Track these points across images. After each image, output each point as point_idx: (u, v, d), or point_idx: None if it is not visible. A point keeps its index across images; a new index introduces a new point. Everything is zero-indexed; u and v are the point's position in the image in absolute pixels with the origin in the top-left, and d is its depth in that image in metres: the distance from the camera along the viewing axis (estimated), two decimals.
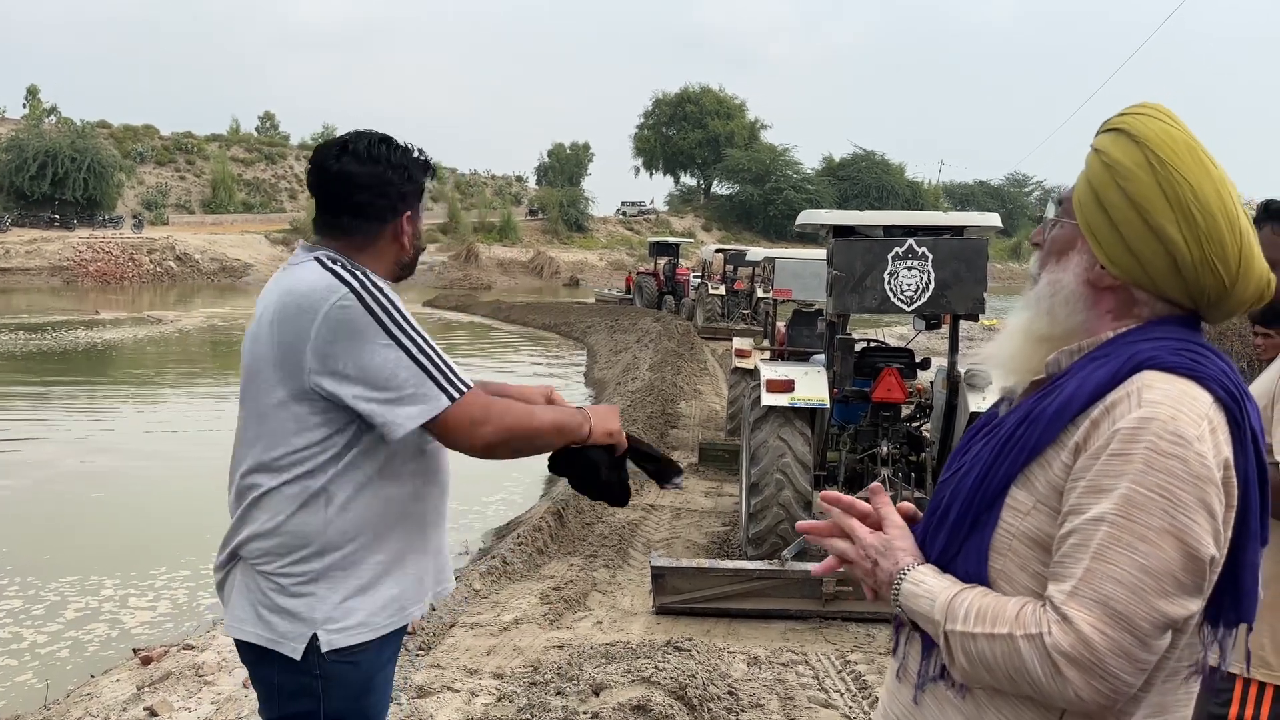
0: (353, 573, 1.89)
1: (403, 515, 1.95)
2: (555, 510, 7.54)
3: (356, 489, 1.89)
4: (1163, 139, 1.24)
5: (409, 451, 1.93)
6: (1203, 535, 1.14)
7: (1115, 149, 1.27)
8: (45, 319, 25.90)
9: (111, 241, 44.26)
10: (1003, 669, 1.18)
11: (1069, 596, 1.15)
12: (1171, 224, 1.22)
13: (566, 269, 54.44)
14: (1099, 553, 1.15)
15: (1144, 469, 1.15)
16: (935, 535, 1.32)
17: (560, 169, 76.16)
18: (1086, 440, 1.20)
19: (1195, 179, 1.22)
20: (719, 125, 77.44)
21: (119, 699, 4.43)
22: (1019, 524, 1.24)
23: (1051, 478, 1.22)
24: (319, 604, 1.87)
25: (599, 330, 23.17)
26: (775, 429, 5.95)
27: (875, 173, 74.58)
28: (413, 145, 2.02)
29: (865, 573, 1.34)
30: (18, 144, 49.78)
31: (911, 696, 1.33)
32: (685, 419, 12.25)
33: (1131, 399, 1.19)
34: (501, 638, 5.05)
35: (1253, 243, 1.24)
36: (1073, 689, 1.14)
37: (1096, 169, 1.29)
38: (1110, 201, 1.26)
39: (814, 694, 4.36)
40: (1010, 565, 1.24)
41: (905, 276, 5.69)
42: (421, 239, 2.08)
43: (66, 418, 13.34)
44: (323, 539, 1.87)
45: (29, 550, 7.50)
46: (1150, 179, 1.23)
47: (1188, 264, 1.23)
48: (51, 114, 58.19)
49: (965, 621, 1.20)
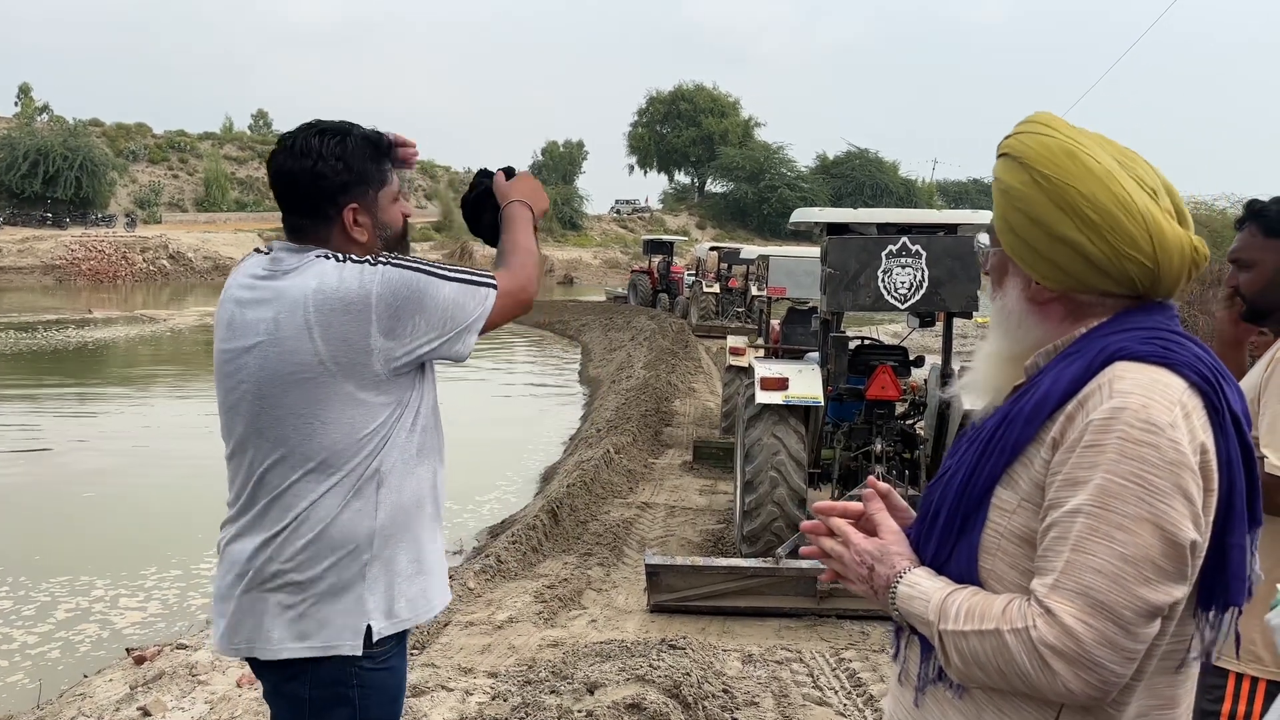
0: (394, 560, 1.89)
1: (424, 502, 1.96)
2: (550, 509, 7.53)
3: (403, 468, 1.91)
4: (1040, 153, 1.28)
5: (430, 428, 1.98)
6: (1180, 520, 1.15)
7: (1006, 174, 1.32)
8: (36, 318, 25.83)
9: (104, 240, 44.09)
10: (993, 665, 1.19)
11: (1051, 589, 1.16)
12: (1074, 230, 1.26)
13: (561, 267, 54.41)
14: (1078, 544, 1.16)
15: (1117, 458, 1.16)
16: (928, 539, 1.33)
17: (554, 167, 76.09)
18: (1063, 435, 1.21)
19: (1079, 182, 1.26)
20: (713, 123, 77.45)
21: (112, 699, 4.42)
22: (1006, 523, 1.25)
23: (1034, 475, 1.23)
24: (369, 595, 1.86)
25: (593, 328, 23.16)
26: (770, 426, 5.95)
27: (869, 171, 74.65)
28: (359, 132, 1.93)
29: (861, 578, 1.34)
30: (9, 142, 49.57)
31: (913, 699, 1.34)
32: (680, 417, 12.25)
33: (1103, 390, 1.20)
34: (496, 636, 5.05)
35: (1158, 219, 1.26)
36: (1061, 681, 1.15)
37: (998, 196, 1.34)
38: (1017, 224, 1.31)
39: (809, 691, 4.36)
40: (1000, 564, 1.25)
41: (899, 274, 5.70)
42: (390, 228, 1.98)
43: (58, 417, 13.30)
44: (373, 527, 1.87)
45: (19, 550, 7.48)
46: (1040, 195, 1.27)
47: (1104, 260, 1.26)
48: (44, 112, 57.95)
49: (956, 620, 1.21)
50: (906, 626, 1.32)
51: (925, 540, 1.33)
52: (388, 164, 1.97)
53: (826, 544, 1.39)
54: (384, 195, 1.96)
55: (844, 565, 1.36)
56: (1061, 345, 1.30)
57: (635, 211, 74.89)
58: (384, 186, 1.96)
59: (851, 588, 1.37)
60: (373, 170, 1.93)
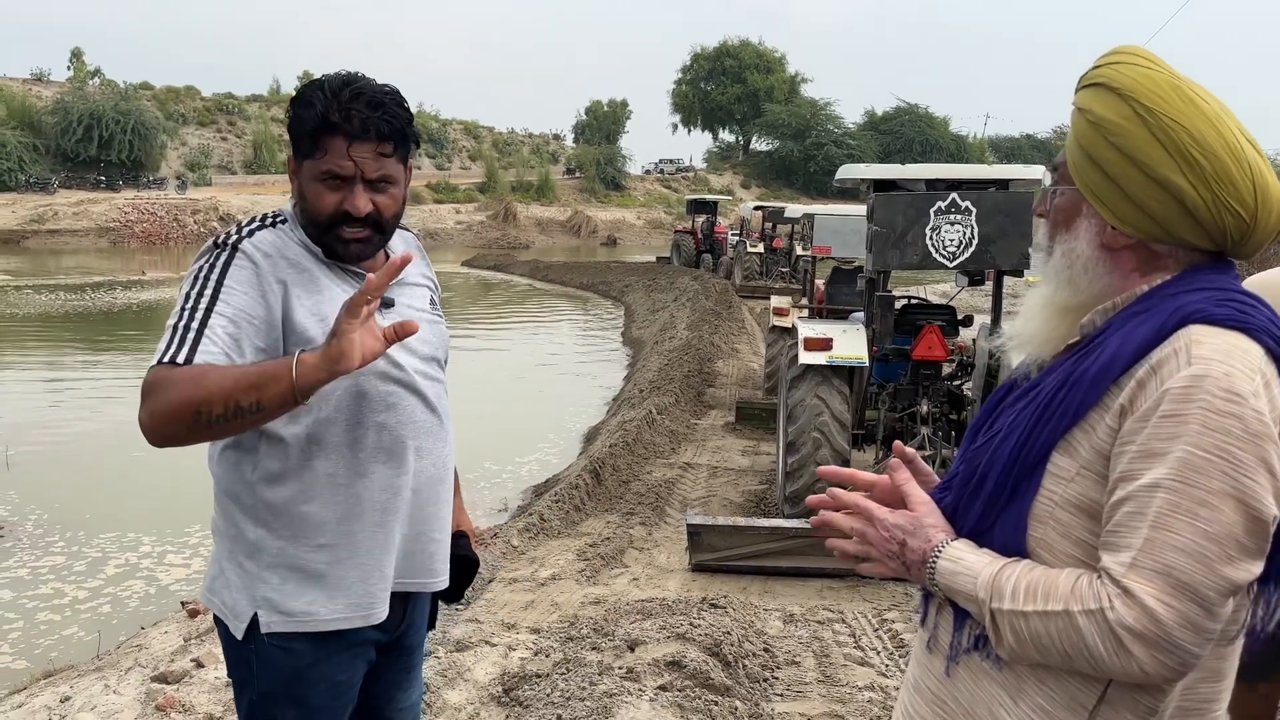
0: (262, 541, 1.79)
1: (310, 498, 1.75)
2: (592, 468, 7.56)
3: (280, 450, 1.74)
4: (1145, 86, 1.18)
5: (336, 421, 1.74)
6: (1264, 495, 1.09)
7: (1099, 105, 1.21)
8: (96, 279, 26.39)
9: (156, 203, 44.89)
10: (1058, 647, 1.13)
11: (1129, 568, 1.09)
12: (1176, 173, 1.16)
13: (604, 228, 54.30)
14: (1158, 521, 1.09)
15: (1200, 430, 1.09)
16: (969, 507, 1.25)
17: (598, 127, 75.66)
18: (1133, 402, 1.14)
19: (1189, 121, 1.16)
20: (758, 80, 76.41)
21: (167, 650, 4.54)
22: (1062, 491, 1.18)
23: (1096, 442, 1.16)
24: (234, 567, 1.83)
25: (636, 289, 23.11)
26: (813, 387, 5.89)
27: (919, 126, 73.28)
28: (328, 79, 1.70)
29: (890, 554, 1.27)
30: (63, 106, 50.47)
31: (943, 669, 1.28)
32: (722, 378, 12.21)
33: (1180, 356, 1.12)
34: (539, 593, 5.09)
35: (1265, 171, 1.18)
36: (1138, 664, 1.09)
37: (1084, 129, 1.23)
38: (1106, 160, 1.20)
39: (850, 652, 4.35)
40: (1051, 534, 1.19)
41: (948, 231, 5.57)
42: (321, 200, 1.69)
43: (109, 377, 13.62)
44: (252, 497, 1.78)
45: (73, 508, 7.69)
46: (1143, 131, 1.17)
47: (1202, 209, 1.17)
48: (95, 76, 58.74)
49: (1014, 599, 1.15)
50: (939, 595, 1.26)
51: (965, 508, 1.26)
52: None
53: (844, 521, 1.31)
54: (326, 158, 1.69)
55: (867, 543, 1.29)
56: (1121, 303, 1.23)
57: (679, 171, 74.31)
58: (316, 147, 1.70)
59: (871, 570, 1.30)
60: (306, 124, 1.70)
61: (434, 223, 50.42)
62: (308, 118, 1.68)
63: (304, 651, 1.78)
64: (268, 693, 1.80)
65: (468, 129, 74.57)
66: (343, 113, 1.67)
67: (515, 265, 33.56)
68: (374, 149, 1.69)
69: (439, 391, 1.90)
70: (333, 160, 1.68)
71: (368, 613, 1.79)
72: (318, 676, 1.80)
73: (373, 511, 1.77)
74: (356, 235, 1.72)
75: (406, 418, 1.80)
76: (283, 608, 1.76)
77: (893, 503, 1.31)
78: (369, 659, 1.89)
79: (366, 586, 1.78)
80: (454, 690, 3.69)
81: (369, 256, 1.79)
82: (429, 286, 1.97)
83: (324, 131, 1.67)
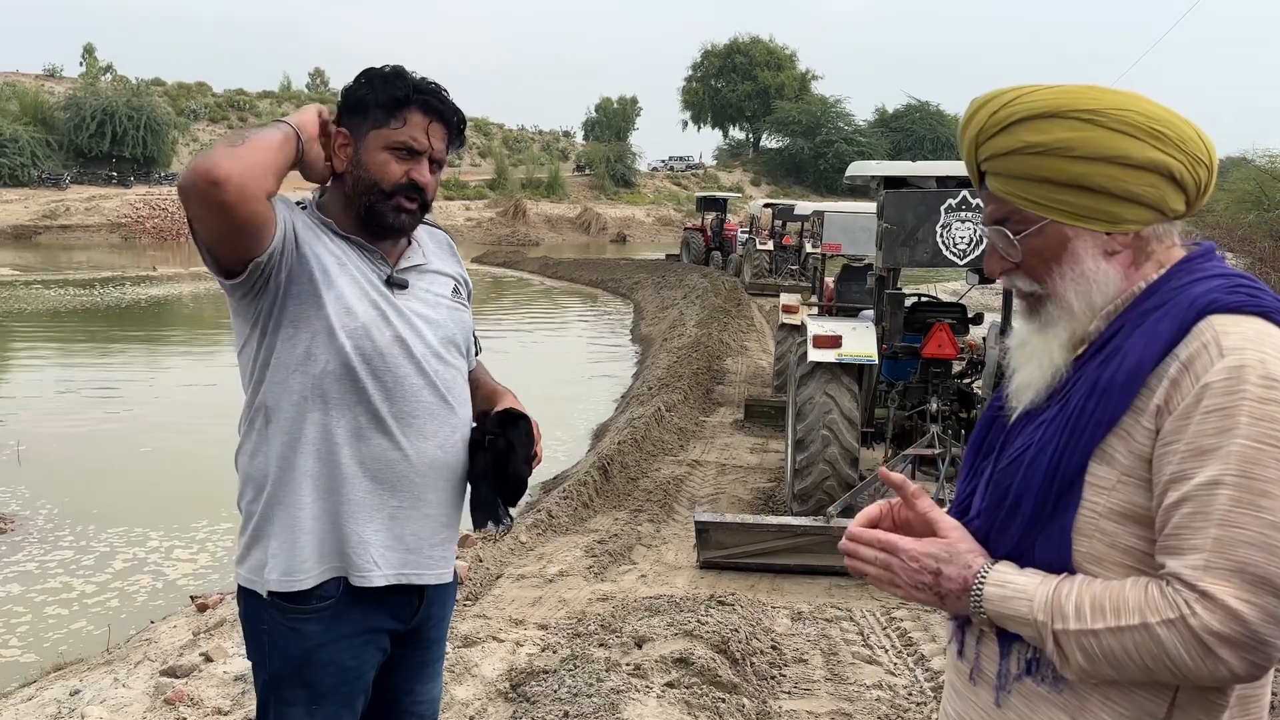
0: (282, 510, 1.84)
1: (318, 455, 1.82)
2: (601, 465, 7.56)
3: (293, 410, 1.81)
4: (1064, 99, 1.19)
5: (340, 376, 1.80)
6: None
7: (1038, 134, 1.20)
8: (107, 274, 26.49)
9: (167, 198, 44.99)
10: (1137, 662, 1.09)
11: (1203, 571, 1.07)
12: (1154, 150, 1.18)
13: (614, 225, 54.28)
14: (1224, 519, 1.06)
15: (1249, 421, 1.07)
16: (1004, 530, 1.21)
17: (608, 124, 75.64)
18: (1169, 401, 1.12)
19: (1123, 105, 1.18)
20: (769, 77, 76.31)
21: (176, 644, 4.55)
22: (1104, 501, 1.15)
23: (1135, 447, 1.14)
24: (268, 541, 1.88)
25: (646, 286, 23.10)
26: (822, 385, 5.87)
27: (930, 124, 73.10)
28: (396, 66, 1.88)
29: (922, 586, 1.22)
30: (76, 102, 50.69)
31: (992, 699, 1.24)
32: (731, 375, 12.20)
33: (1210, 349, 1.11)
34: (547, 589, 5.09)
35: (1186, 121, 1.22)
36: (1227, 668, 1.06)
37: (1036, 163, 1.20)
38: (1080, 175, 1.19)
39: (858, 649, 4.33)
40: (1099, 546, 1.16)
41: (958, 229, 5.54)
42: (388, 168, 1.82)
43: (119, 372, 13.66)
44: (265, 467, 1.84)
45: (80, 502, 7.71)
46: (1101, 131, 1.18)
47: (1185, 173, 1.20)
48: (107, 72, 59.06)
49: (1079, 618, 1.11)
50: (981, 623, 1.21)
51: (1000, 531, 1.21)
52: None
53: (868, 555, 1.26)
54: (370, 136, 1.85)
55: (894, 575, 1.24)
56: (1122, 303, 1.21)
57: (689, 168, 74.22)
58: (364, 121, 1.86)
59: (901, 596, 1.25)
60: (357, 99, 1.87)
61: (444, 219, 50.47)
62: (398, 88, 1.82)
63: (312, 633, 1.82)
64: (279, 674, 1.86)
65: (478, 126, 74.65)
66: (431, 94, 1.84)
67: (525, 262, 33.58)
68: (444, 133, 1.88)
69: (452, 376, 1.94)
70: (410, 132, 1.83)
71: (364, 574, 1.83)
72: (326, 659, 1.84)
73: (359, 478, 1.82)
74: (412, 205, 1.86)
75: (409, 395, 1.85)
76: (279, 568, 1.82)
77: (908, 530, 1.28)
78: (382, 648, 1.91)
79: (345, 549, 1.83)
80: (461, 685, 3.70)
81: (414, 228, 1.92)
82: (455, 280, 2.04)
83: (410, 105, 1.83)
